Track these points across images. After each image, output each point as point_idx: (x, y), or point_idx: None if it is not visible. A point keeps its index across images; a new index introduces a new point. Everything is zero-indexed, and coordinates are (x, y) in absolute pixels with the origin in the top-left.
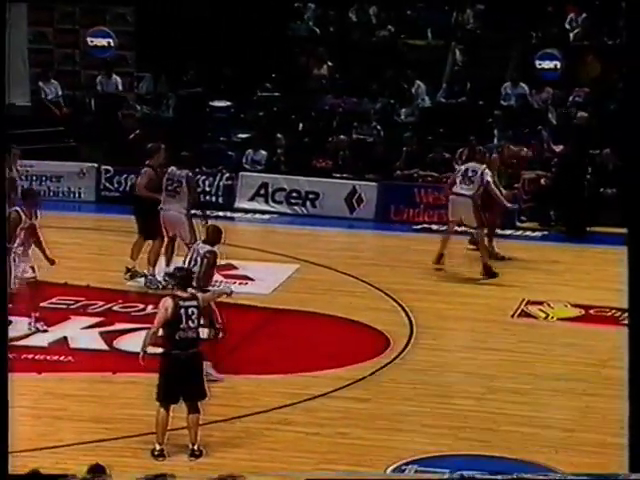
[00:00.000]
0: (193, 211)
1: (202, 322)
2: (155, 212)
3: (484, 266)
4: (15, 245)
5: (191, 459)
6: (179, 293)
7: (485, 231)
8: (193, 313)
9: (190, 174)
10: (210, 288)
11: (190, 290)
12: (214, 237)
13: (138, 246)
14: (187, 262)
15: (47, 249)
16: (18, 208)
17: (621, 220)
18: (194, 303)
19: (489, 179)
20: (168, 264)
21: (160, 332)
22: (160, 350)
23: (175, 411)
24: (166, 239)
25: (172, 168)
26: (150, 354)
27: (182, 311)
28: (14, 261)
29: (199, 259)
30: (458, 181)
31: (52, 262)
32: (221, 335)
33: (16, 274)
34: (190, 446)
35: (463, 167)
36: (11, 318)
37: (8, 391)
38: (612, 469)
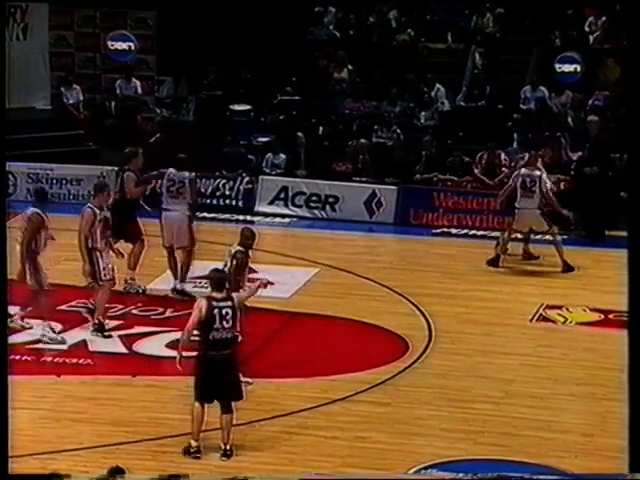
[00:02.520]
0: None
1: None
2: (134, 216)
3: (564, 262)
4: (98, 244)
5: (223, 459)
6: (214, 294)
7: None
8: (227, 314)
9: (193, 176)
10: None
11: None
12: (247, 240)
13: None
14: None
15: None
16: (90, 205)
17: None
18: (229, 304)
19: (549, 186)
20: (176, 277)
21: (195, 333)
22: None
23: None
24: (166, 252)
25: (171, 170)
26: (185, 357)
27: (216, 312)
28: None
29: (229, 259)
30: (520, 194)
31: (120, 255)
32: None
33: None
34: (222, 446)
35: (520, 177)
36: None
37: (8, 391)
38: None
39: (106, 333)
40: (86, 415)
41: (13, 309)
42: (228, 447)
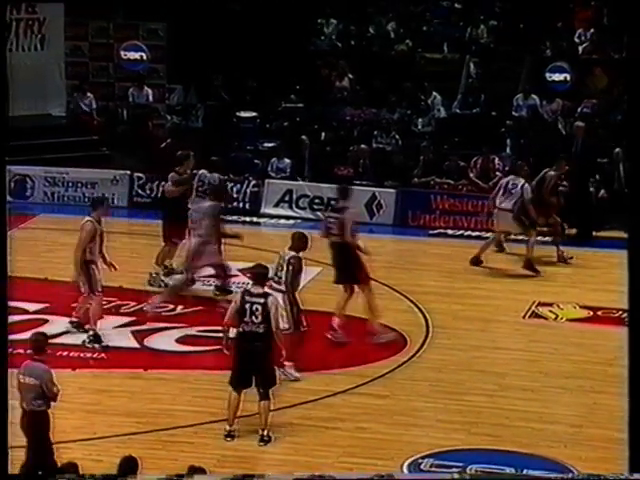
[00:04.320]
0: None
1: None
2: (170, 215)
3: (527, 261)
4: (95, 256)
5: (260, 444)
6: (251, 288)
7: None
8: (257, 309)
9: (222, 178)
10: None
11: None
12: (299, 244)
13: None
14: (274, 268)
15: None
16: (90, 218)
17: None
18: (260, 300)
19: (528, 195)
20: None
21: None
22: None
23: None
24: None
25: (203, 171)
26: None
27: (247, 306)
28: (95, 272)
29: (285, 265)
30: (500, 194)
31: (113, 267)
32: (296, 333)
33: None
34: (260, 432)
35: (504, 180)
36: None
37: (8, 392)
38: (618, 464)
39: (103, 344)
40: (99, 407)
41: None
42: (265, 433)
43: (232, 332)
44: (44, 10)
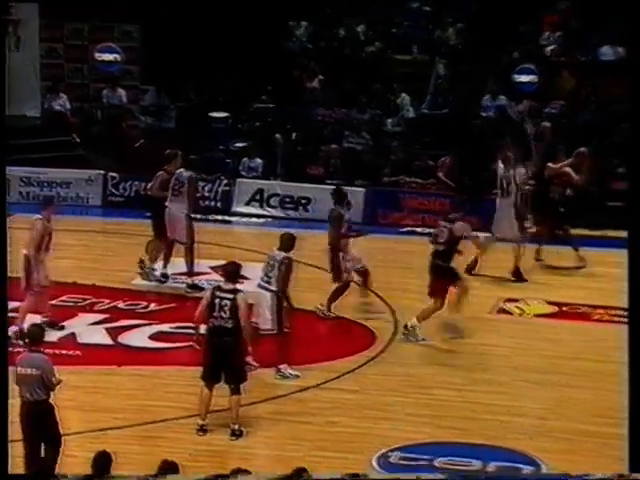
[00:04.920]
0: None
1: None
2: (156, 213)
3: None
4: (41, 253)
5: (232, 438)
6: (222, 284)
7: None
8: (226, 305)
9: (192, 176)
10: None
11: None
12: (287, 244)
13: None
14: (264, 268)
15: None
16: (40, 217)
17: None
18: (230, 296)
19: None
20: (165, 266)
21: None
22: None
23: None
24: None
25: (180, 170)
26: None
27: (216, 301)
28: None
29: (276, 265)
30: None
31: None
32: (280, 334)
33: (39, 280)
34: (231, 426)
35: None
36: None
37: (8, 391)
38: (582, 454)
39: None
40: (74, 402)
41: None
42: (236, 427)
43: (202, 328)
44: (19, 12)
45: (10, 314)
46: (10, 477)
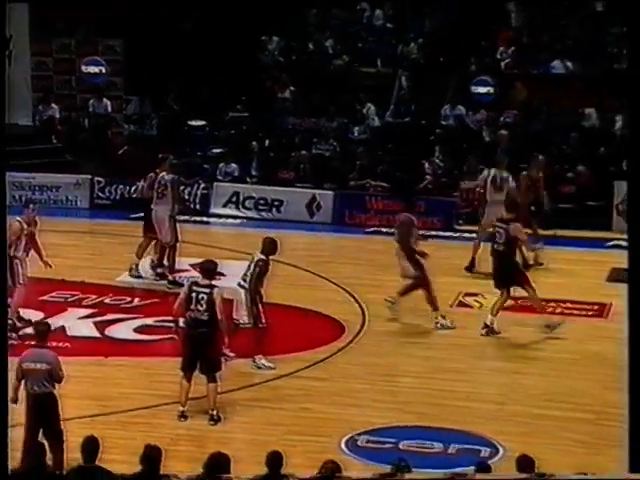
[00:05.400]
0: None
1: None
2: (148, 214)
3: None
4: (20, 252)
5: (211, 423)
6: (199, 280)
7: None
8: (202, 299)
9: (175, 178)
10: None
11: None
12: (269, 248)
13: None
14: (246, 267)
15: (44, 253)
16: (19, 218)
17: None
18: (206, 290)
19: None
20: (160, 265)
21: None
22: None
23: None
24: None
25: (163, 174)
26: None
27: (194, 295)
28: (19, 266)
29: (252, 265)
30: (490, 189)
31: (48, 265)
32: (256, 327)
33: (18, 279)
34: (209, 412)
35: (491, 176)
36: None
37: (8, 389)
38: (537, 437)
39: (20, 333)
40: (64, 391)
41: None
42: (214, 413)
43: (181, 321)
44: (11, 28)
45: None
46: (10, 475)
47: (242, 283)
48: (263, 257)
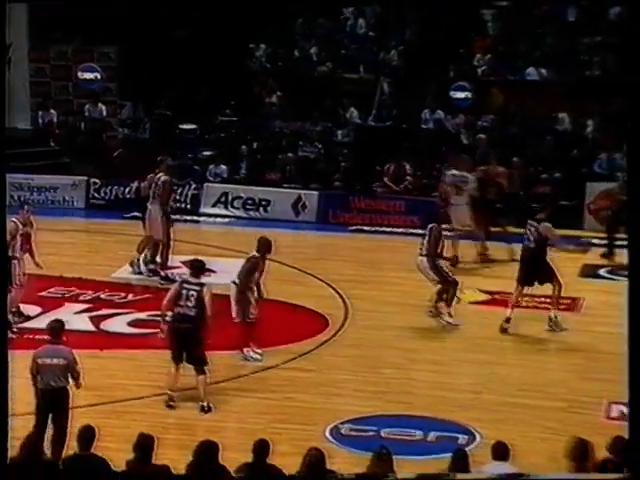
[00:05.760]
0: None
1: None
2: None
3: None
4: (17, 252)
5: (201, 413)
6: (189, 278)
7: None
8: (192, 295)
9: (167, 180)
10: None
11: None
12: (263, 247)
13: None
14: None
15: (36, 255)
16: (14, 219)
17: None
18: (197, 288)
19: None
20: (158, 262)
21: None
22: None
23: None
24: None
25: (159, 175)
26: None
27: (184, 292)
28: (16, 267)
29: (244, 262)
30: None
31: (39, 267)
32: (244, 322)
33: (14, 280)
34: (200, 403)
35: (452, 178)
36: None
37: (8, 385)
38: (511, 424)
39: (14, 329)
40: None
41: None
42: (205, 403)
43: (168, 315)
44: (10, 36)
45: None
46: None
47: (235, 280)
48: (255, 254)
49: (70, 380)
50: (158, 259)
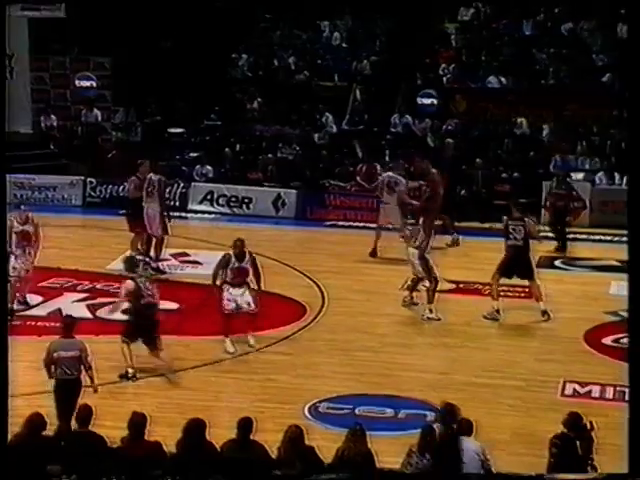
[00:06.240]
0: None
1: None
2: (132, 212)
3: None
4: (13, 248)
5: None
6: (131, 274)
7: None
8: (149, 288)
9: (162, 179)
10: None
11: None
12: (234, 248)
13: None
14: None
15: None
16: (11, 216)
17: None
18: (143, 279)
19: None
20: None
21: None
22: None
23: None
24: (145, 235)
25: (151, 174)
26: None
27: (141, 285)
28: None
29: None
30: (384, 191)
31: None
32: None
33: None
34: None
35: (386, 179)
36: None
37: (8, 380)
38: (476, 402)
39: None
40: None
41: None
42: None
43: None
44: (13, 48)
45: None
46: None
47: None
48: (227, 253)
49: (82, 370)
50: (152, 253)
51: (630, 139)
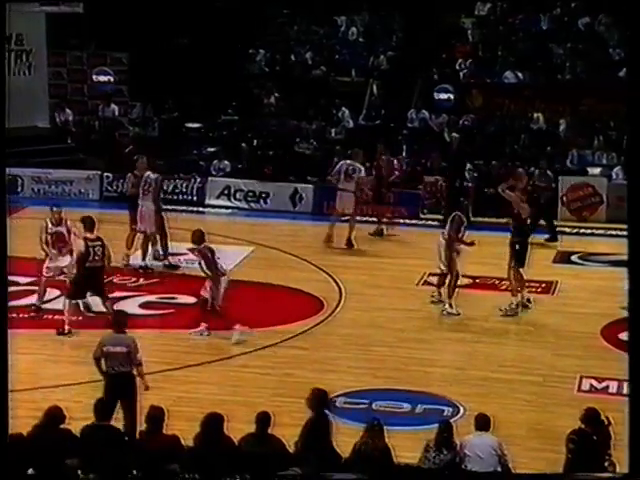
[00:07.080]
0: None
1: None
2: (130, 209)
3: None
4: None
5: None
6: (87, 234)
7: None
8: (99, 250)
9: (158, 177)
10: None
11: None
12: (195, 238)
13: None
14: None
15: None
16: (46, 218)
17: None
18: (99, 243)
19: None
20: (144, 256)
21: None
22: None
23: None
24: (141, 234)
25: (148, 173)
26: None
27: (91, 249)
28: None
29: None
30: (342, 178)
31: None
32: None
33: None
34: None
35: (344, 167)
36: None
37: (8, 378)
38: (492, 397)
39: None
40: (79, 358)
41: None
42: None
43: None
44: (31, 43)
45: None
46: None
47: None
48: (195, 247)
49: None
50: (150, 250)
51: (630, 139)
